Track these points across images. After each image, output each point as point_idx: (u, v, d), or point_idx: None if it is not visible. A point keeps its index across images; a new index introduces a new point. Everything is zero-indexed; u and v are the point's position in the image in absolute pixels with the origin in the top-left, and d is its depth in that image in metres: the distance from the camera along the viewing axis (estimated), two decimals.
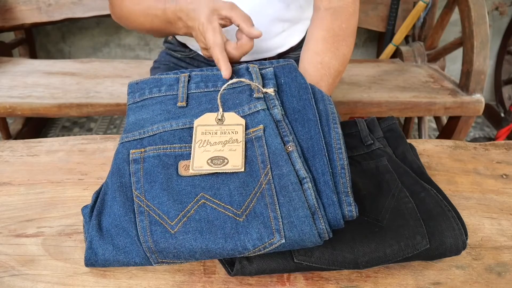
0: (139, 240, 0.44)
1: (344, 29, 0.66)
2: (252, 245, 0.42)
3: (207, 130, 0.50)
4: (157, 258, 0.44)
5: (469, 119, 1.31)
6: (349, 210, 0.45)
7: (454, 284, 0.45)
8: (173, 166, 0.48)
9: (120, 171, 0.49)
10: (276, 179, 0.45)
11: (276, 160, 0.46)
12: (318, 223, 0.43)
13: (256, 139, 0.49)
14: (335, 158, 0.47)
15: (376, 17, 1.66)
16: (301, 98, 0.52)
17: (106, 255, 0.44)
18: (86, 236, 0.46)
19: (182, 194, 0.46)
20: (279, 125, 0.50)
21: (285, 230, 0.42)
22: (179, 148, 0.49)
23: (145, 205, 0.46)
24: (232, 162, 0.47)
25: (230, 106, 0.52)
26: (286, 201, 0.44)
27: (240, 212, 0.44)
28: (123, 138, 0.52)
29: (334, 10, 0.66)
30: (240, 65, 0.55)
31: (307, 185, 0.44)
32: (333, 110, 0.52)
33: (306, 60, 0.63)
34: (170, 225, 0.44)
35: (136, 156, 0.49)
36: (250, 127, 0.50)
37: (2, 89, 1.22)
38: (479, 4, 1.21)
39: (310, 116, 0.50)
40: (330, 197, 0.44)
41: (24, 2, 1.56)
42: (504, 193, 0.60)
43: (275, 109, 0.51)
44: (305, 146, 0.48)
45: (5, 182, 0.60)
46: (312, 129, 0.49)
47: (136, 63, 1.46)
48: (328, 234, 0.43)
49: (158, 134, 0.51)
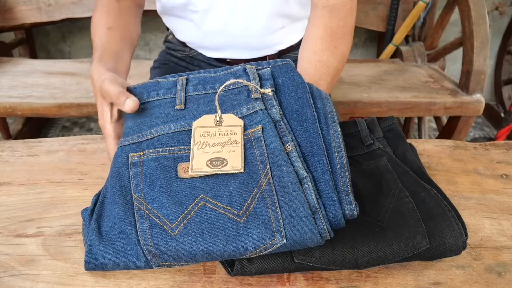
0: (139, 244, 0.44)
1: (342, 27, 0.65)
2: (253, 246, 0.42)
3: (206, 132, 0.50)
4: (158, 261, 0.43)
5: (469, 119, 1.32)
6: (349, 209, 0.44)
7: (454, 284, 0.45)
8: (172, 168, 0.48)
9: (119, 175, 0.49)
10: (276, 179, 0.45)
11: (276, 160, 0.46)
12: (319, 222, 0.43)
13: (255, 140, 0.48)
14: (334, 157, 0.47)
15: (376, 17, 1.66)
16: (299, 98, 0.52)
17: (106, 259, 0.44)
18: (86, 239, 0.46)
19: (182, 196, 0.46)
20: (277, 125, 0.49)
21: (286, 231, 0.42)
22: (178, 151, 0.49)
23: (145, 208, 0.45)
24: (231, 163, 0.47)
25: (228, 108, 0.52)
26: (287, 201, 0.43)
27: (241, 213, 0.44)
28: (122, 142, 0.52)
29: (332, 8, 0.66)
30: (237, 66, 0.55)
31: (307, 185, 0.44)
32: (332, 109, 0.52)
33: (305, 59, 0.63)
34: (171, 228, 0.44)
35: (135, 160, 0.49)
36: (249, 127, 0.50)
37: (2, 89, 1.22)
38: (479, 4, 1.21)
39: (308, 115, 0.50)
40: (330, 197, 0.44)
41: (24, 2, 1.56)
42: (504, 193, 0.60)
43: (273, 109, 0.51)
44: (304, 146, 0.48)
45: (5, 182, 0.60)
46: (311, 128, 0.49)
47: (136, 63, 1.45)
48: (329, 234, 0.43)
49: (156, 137, 0.51)
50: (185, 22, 0.81)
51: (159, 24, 1.89)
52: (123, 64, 0.65)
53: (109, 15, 0.69)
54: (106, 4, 0.71)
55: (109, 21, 0.68)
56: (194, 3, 0.75)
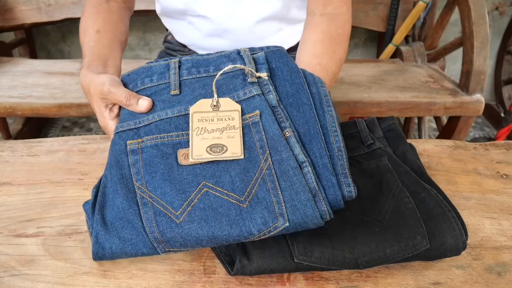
0: (145, 232, 0.44)
1: (340, 34, 0.67)
2: (257, 230, 0.43)
3: (204, 117, 0.50)
4: (164, 247, 0.44)
5: (469, 119, 1.31)
6: (348, 190, 0.46)
7: (454, 284, 0.45)
8: (172, 155, 0.48)
9: (119, 163, 0.49)
10: (276, 164, 0.46)
11: (275, 145, 0.47)
12: (319, 205, 0.44)
13: (253, 125, 0.49)
14: (331, 140, 0.48)
15: (376, 17, 1.66)
16: (294, 82, 0.52)
17: (114, 248, 0.44)
18: (91, 231, 0.46)
19: (184, 184, 0.46)
20: (275, 110, 0.50)
21: (288, 214, 0.43)
22: (176, 136, 0.49)
23: (148, 196, 0.46)
24: (231, 150, 0.47)
25: (224, 91, 0.52)
26: (288, 186, 0.44)
27: (243, 199, 0.44)
28: (118, 128, 0.52)
29: (329, 16, 0.68)
30: (230, 50, 0.55)
31: (307, 169, 0.45)
32: (326, 93, 0.52)
33: (304, 62, 0.64)
34: (175, 215, 0.44)
35: (134, 147, 0.49)
36: (246, 112, 0.50)
37: (2, 89, 1.22)
38: (479, 4, 1.21)
39: (304, 100, 0.51)
40: (329, 179, 0.45)
41: (24, 2, 1.56)
42: (504, 193, 0.60)
43: (270, 94, 0.51)
44: (302, 131, 0.49)
45: (5, 182, 0.60)
46: (307, 113, 0.50)
47: (136, 63, 1.46)
48: (330, 215, 0.44)
49: (154, 123, 0.51)
50: (185, 25, 0.81)
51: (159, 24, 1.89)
52: (112, 68, 0.63)
53: (98, 16, 0.68)
54: (95, 5, 0.70)
55: (98, 23, 0.67)
56: (194, 9, 0.76)
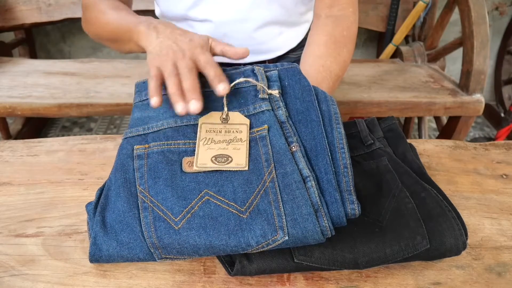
0: (143, 236, 0.44)
1: (345, 36, 0.68)
2: (256, 242, 0.42)
3: (212, 129, 0.50)
4: (161, 253, 0.44)
5: (469, 119, 1.32)
6: (352, 208, 0.45)
7: (454, 284, 0.45)
8: (177, 162, 0.48)
9: (124, 167, 0.49)
10: (280, 177, 0.46)
11: (280, 159, 0.47)
12: (321, 220, 0.43)
13: (260, 139, 0.49)
14: (338, 157, 0.48)
15: (376, 17, 1.66)
16: (305, 100, 0.53)
17: (110, 251, 0.44)
18: (91, 232, 0.47)
19: (186, 191, 0.46)
20: (283, 126, 0.50)
21: (288, 227, 0.43)
22: (183, 144, 0.50)
23: (149, 201, 0.46)
24: (236, 161, 0.47)
25: (235, 106, 0.53)
26: (290, 199, 0.44)
27: (244, 209, 0.44)
28: (127, 134, 0.52)
29: (335, 18, 0.68)
30: (245, 67, 0.56)
31: (310, 183, 0.45)
32: (336, 111, 0.53)
33: (308, 63, 0.65)
34: (174, 221, 0.44)
35: (140, 152, 0.50)
36: (255, 126, 0.51)
37: (2, 89, 1.22)
38: (479, 4, 1.21)
39: (313, 117, 0.51)
40: (333, 195, 0.45)
41: (24, 2, 1.56)
42: (504, 193, 0.60)
43: (280, 110, 0.52)
44: (308, 146, 0.49)
45: (5, 182, 0.60)
46: (315, 129, 0.50)
47: (136, 63, 1.46)
48: (331, 232, 0.44)
49: (162, 130, 0.51)
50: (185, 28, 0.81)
51: None
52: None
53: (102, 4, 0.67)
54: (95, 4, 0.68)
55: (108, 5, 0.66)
56: (193, 17, 0.76)
